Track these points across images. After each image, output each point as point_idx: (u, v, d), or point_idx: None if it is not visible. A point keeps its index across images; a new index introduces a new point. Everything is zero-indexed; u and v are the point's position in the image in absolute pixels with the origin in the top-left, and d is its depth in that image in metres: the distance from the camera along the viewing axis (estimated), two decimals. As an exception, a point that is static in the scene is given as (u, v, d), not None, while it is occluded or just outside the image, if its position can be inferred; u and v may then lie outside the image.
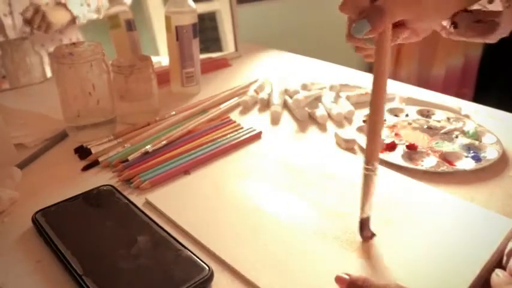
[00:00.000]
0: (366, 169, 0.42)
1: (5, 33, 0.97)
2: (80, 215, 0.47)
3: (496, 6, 0.42)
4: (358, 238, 0.44)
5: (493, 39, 0.43)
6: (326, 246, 0.43)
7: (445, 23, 0.44)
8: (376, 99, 0.40)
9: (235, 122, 0.69)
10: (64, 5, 1.02)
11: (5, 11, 0.97)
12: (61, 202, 0.48)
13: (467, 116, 0.70)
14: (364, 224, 0.43)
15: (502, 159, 0.58)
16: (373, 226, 0.44)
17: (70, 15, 1.04)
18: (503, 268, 0.37)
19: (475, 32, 0.43)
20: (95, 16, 1.11)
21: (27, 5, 0.99)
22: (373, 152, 0.41)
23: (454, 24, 0.44)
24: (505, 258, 0.38)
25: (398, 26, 0.41)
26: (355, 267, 0.40)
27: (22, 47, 0.90)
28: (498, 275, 0.35)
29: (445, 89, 1.26)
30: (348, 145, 0.62)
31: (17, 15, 0.99)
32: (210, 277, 0.38)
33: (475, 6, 0.42)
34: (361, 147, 0.62)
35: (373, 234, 0.44)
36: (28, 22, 0.98)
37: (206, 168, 0.57)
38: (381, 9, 0.37)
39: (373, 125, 0.41)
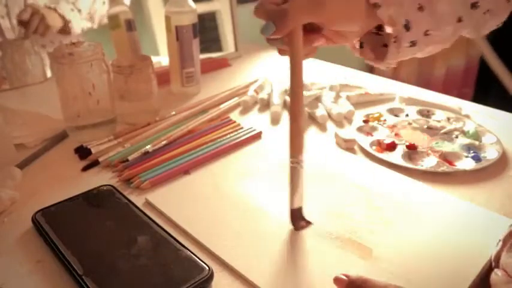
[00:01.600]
0: (292, 162, 0.43)
1: (3, 35, 0.97)
2: (80, 215, 0.47)
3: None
4: (359, 239, 0.44)
5: (381, 66, 0.46)
6: (326, 246, 0.43)
7: (355, 41, 0.46)
8: (294, 94, 0.42)
9: (235, 122, 0.69)
10: (54, 9, 1.01)
11: (1, 12, 0.97)
12: (61, 202, 0.48)
13: (467, 116, 0.70)
14: (295, 215, 0.45)
15: (502, 159, 0.58)
16: (372, 226, 0.44)
17: (62, 20, 1.03)
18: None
19: (375, 55, 0.45)
20: (88, 25, 1.10)
21: (26, 6, 0.98)
22: (297, 145, 0.43)
23: (360, 44, 0.47)
24: (493, 264, 0.38)
25: (313, 32, 0.42)
26: (354, 268, 0.40)
27: (22, 47, 0.89)
28: (497, 274, 0.35)
29: (445, 89, 1.26)
30: (348, 145, 0.62)
31: (14, 17, 0.99)
32: (210, 277, 0.38)
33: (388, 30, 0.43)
34: (360, 147, 0.62)
35: (308, 223, 0.45)
36: (24, 24, 0.96)
37: (206, 168, 0.57)
38: (285, 12, 0.39)
39: (294, 120, 0.43)
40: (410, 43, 0.42)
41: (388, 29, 0.42)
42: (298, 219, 0.45)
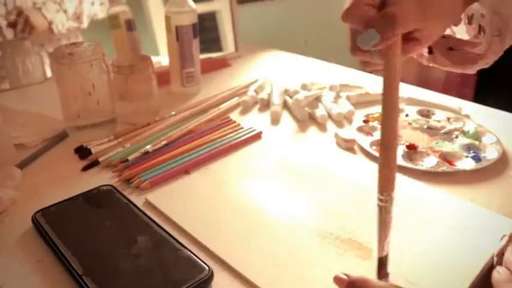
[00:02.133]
0: (380, 200, 0.36)
1: (3, 35, 0.97)
2: (80, 215, 0.47)
3: (461, 32, 0.40)
4: (359, 239, 0.44)
5: (471, 70, 0.41)
6: (326, 246, 0.43)
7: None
8: (388, 119, 0.35)
9: (235, 122, 0.69)
10: (39, 9, 1.02)
11: (0, 11, 0.97)
12: (61, 202, 0.48)
13: (467, 116, 0.70)
14: (382, 263, 0.37)
15: (502, 159, 0.58)
16: (373, 226, 0.44)
17: (46, 21, 1.03)
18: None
19: (450, 60, 0.41)
20: (75, 24, 1.10)
21: (12, 7, 0.99)
22: (387, 179, 0.36)
23: (429, 50, 0.42)
24: (495, 259, 0.38)
25: (408, 39, 0.36)
26: (354, 268, 0.40)
27: (22, 47, 0.89)
28: (499, 272, 0.35)
29: (445, 90, 1.26)
30: (348, 145, 0.62)
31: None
32: (210, 277, 0.38)
33: (447, 32, 0.39)
34: (360, 147, 0.62)
35: (387, 274, 0.38)
36: (12, 25, 0.97)
37: (206, 168, 0.57)
38: (393, 16, 0.33)
39: (385, 150, 0.36)
40: (497, 32, 0.36)
41: (461, 29, 0.38)
42: (384, 267, 0.38)
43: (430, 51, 0.42)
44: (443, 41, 0.41)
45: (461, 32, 0.40)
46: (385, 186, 0.36)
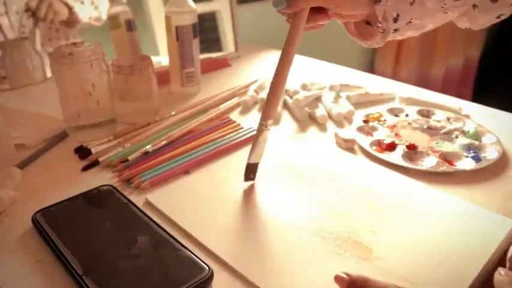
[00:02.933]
0: (261, 124, 0.49)
1: (3, 33, 0.97)
2: (80, 215, 0.47)
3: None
4: (359, 239, 0.44)
5: (366, 44, 0.50)
6: (326, 245, 0.43)
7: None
8: (281, 66, 0.48)
9: (235, 122, 0.69)
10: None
11: (1, 10, 0.97)
12: (61, 202, 0.48)
13: (467, 116, 0.70)
14: (249, 169, 0.51)
15: (502, 159, 0.58)
16: (372, 226, 0.44)
17: (67, 8, 1.03)
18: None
19: (358, 30, 0.49)
20: (96, 14, 1.10)
21: (23, 4, 0.99)
22: (270, 111, 0.49)
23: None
24: (507, 264, 0.38)
25: (320, 12, 0.47)
26: (354, 267, 0.40)
27: (22, 47, 0.89)
28: (501, 274, 0.35)
29: (444, 90, 1.26)
30: (348, 145, 0.62)
31: (13, 15, 0.99)
32: (210, 277, 0.38)
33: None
34: (360, 147, 0.62)
35: (254, 178, 0.52)
36: (33, 12, 0.97)
37: (206, 168, 0.57)
38: None
39: (274, 88, 0.48)
40: (393, 30, 0.46)
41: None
42: (251, 172, 0.51)
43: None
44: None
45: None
46: (268, 116, 0.49)
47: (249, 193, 0.51)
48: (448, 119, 0.69)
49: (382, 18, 0.45)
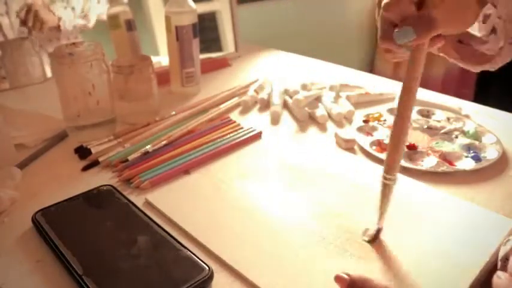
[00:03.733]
0: (385, 178, 0.42)
1: (3, 33, 0.97)
2: (80, 215, 0.47)
3: (473, 28, 0.41)
4: (360, 240, 0.44)
5: (476, 69, 0.43)
6: (326, 246, 0.43)
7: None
8: (404, 107, 0.39)
9: (235, 122, 0.69)
10: (47, 6, 1.02)
11: (1, 10, 0.97)
12: (61, 202, 0.48)
13: (467, 116, 0.70)
14: (379, 233, 0.44)
15: (502, 159, 0.58)
16: (372, 226, 0.45)
17: (55, 17, 1.03)
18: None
19: (458, 53, 0.42)
20: (82, 22, 1.10)
21: (23, 4, 0.99)
22: (395, 161, 0.41)
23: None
24: (499, 263, 0.38)
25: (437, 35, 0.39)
26: (355, 267, 0.40)
27: (22, 47, 0.89)
28: (500, 277, 0.35)
29: (444, 90, 1.27)
30: (348, 145, 0.62)
31: (13, 15, 0.99)
32: (210, 277, 0.38)
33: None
34: (360, 147, 0.62)
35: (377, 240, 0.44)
36: (23, 22, 0.98)
37: (206, 168, 0.57)
38: (432, 20, 0.35)
39: (398, 134, 0.40)
40: None
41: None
42: (378, 237, 0.44)
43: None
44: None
45: (473, 28, 0.41)
46: (392, 167, 0.41)
47: (248, 193, 0.51)
48: (448, 119, 0.69)
49: (508, 21, 0.37)
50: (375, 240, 0.44)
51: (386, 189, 0.42)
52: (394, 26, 0.37)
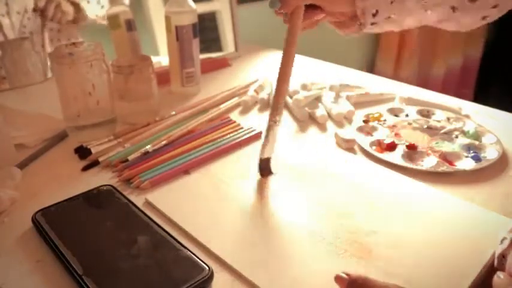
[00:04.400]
0: (271, 120, 0.52)
1: (3, 34, 0.97)
2: (80, 215, 0.47)
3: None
4: (359, 239, 0.44)
5: (345, 34, 0.54)
6: (326, 246, 0.43)
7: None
8: (284, 65, 0.51)
9: (235, 122, 0.69)
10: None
11: (2, 11, 0.97)
12: (61, 202, 0.48)
13: (467, 116, 0.70)
14: (263, 164, 0.53)
15: (502, 159, 0.58)
16: (372, 226, 0.44)
17: (73, 7, 1.03)
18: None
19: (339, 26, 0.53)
20: (103, 12, 1.10)
21: (24, 4, 0.99)
22: (277, 107, 0.51)
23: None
24: (496, 261, 0.38)
25: (315, 8, 0.50)
26: (354, 267, 0.40)
27: (22, 47, 0.89)
28: (500, 277, 0.35)
29: (444, 90, 1.27)
30: (348, 145, 0.62)
31: (14, 15, 0.99)
32: (210, 277, 0.38)
33: None
34: (360, 147, 0.62)
35: (270, 172, 0.53)
36: (41, 12, 0.97)
37: (206, 168, 0.57)
38: None
39: (279, 86, 0.51)
40: (371, 24, 0.49)
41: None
42: (265, 168, 0.53)
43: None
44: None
45: None
46: (276, 112, 0.52)
47: (248, 193, 0.51)
48: (448, 119, 0.69)
49: (361, 14, 0.48)
50: (265, 172, 0.52)
51: (270, 130, 0.52)
52: None
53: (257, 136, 0.65)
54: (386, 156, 0.59)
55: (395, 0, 0.47)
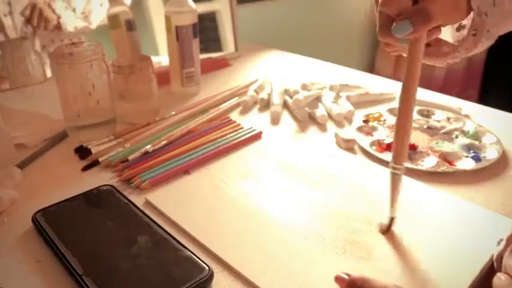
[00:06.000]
0: (394, 168, 0.43)
1: (5, 34, 0.97)
2: (80, 215, 0.47)
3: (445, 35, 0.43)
4: (359, 239, 0.44)
5: (441, 64, 0.45)
6: (326, 245, 0.43)
7: None
8: (406, 100, 0.41)
9: (235, 122, 0.69)
10: (48, 4, 1.02)
11: (4, 11, 0.97)
12: (61, 202, 0.48)
13: (467, 116, 0.70)
14: (391, 223, 0.45)
15: (502, 159, 0.58)
16: (372, 226, 0.45)
17: (56, 16, 1.03)
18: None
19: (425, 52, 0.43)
20: (83, 24, 1.10)
21: (27, 3, 0.99)
22: (402, 152, 0.43)
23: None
24: (495, 263, 0.38)
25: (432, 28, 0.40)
26: (354, 267, 0.40)
27: (22, 47, 0.89)
28: (500, 278, 0.35)
29: (446, 91, 1.27)
30: (348, 145, 0.62)
31: (17, 16, 0.99)
32: (210, 277, 0.38)
33: None
34: (361, 147, 0.62)
35: (390, 228, 0.46)
36: (28, 21, 0.98)
37: (206, 168, 0.57)
38: (428, 13, 0.37)
39: (402, 127, 0.42)
40: (487, 31, 0.39)
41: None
42: (391, 227, 0.45)
43: None
44: None
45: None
46: (400, 158, 0.43)
47: (249, 193, 0.51)
48: (448, 119, 0.69)
49: (477, 14, 0.38)
50: (388, 230, 0.45)
51: (395, 179, 0.43)
52: (391, 20, 0.39)
53: (257, 136, 0.65)
54: (387, 156, 0.59)
55: (496, 2, 0.38)
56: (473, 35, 0.40)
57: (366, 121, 0.69)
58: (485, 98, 2.04)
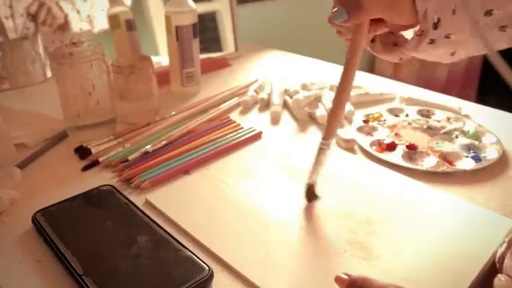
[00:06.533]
0: (323, 144, 0.48)
1: (6, 35, 0.97)
2: (80, 215, 0.47)
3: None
4: (359, 239, 0.44)
5: (396, 60, 0.47)
6: (326, 246, 0.43)
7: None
8: (343, 84, 0.46)
9: (235, 122, 0.69)
10: (56, 2, 1.02)
11: (6, 13, 0.97)
12: (61, 202, 0.48)
13: (467, 116, 0.70)
14: (309, 189, 0.49)
15: (502, 159, 0.58)
16: (373, 226, 0.44)
17: (62, 14, 1.04)
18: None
19: (387, 52, 0.47)
20: (88, 26, 1.10)
21: (32, 1, 0.99)
22: (332, 130, 0.48)
23: (372, 39, 0.48)
24: (497, 264, 0.38)
25: (378, 20, 0.44)
26: (354, 267, 0.40)
27: (22, 47, 0.89)
28: (501, 280, 0.35)
29: (447, 91, 1.27)
30: (347, 145, 0.62)
31: (18, 17, 0.99)
32: (210, 277, 0.38)
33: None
34: (360, 147, 0.62)
35: (316, 197, 0.49)
36: (33, 17, 0.97)
37: (206, 168, 0.57)
38: (360, 5, 0.41)
39: (336, 107, 0.47)
40: (430, 40, 0.41)
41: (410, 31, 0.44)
42: (312, 193, 0.49)
43: (372, 41, 0.47)
44: (388, 36, 0.47)
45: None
46: (329, 135, 0.48)
47: (249, 193, 0.51)
48: (448, 119, 0.69)
49: (423, 17, 0.40)
50: (311, 197, 0.49)
51: (320, 153, 0.48)
52: None
53: (257, 136, 0.65)
54: (386, 156, 0.59)
55: (456, 11, 0.39)
56: (418, 35, 0.42)
57: (366, 121, 0.69)
58: (483, 98, 2.04)
